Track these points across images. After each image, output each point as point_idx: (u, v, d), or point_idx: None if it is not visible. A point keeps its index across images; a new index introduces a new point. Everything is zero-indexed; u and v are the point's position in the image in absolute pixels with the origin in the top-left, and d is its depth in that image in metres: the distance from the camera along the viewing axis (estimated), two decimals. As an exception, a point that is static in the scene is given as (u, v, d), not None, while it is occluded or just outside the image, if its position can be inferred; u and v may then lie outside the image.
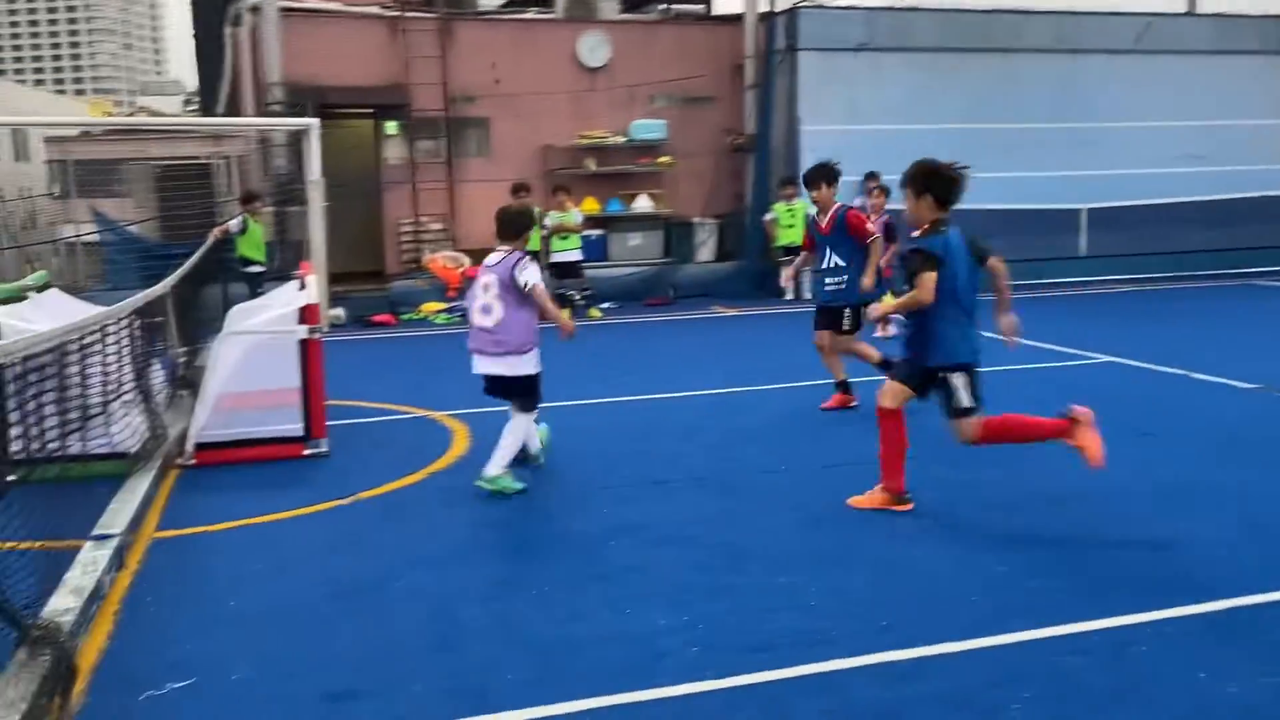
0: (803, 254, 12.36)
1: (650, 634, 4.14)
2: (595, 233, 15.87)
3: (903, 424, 5.53)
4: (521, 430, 6.05)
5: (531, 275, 5.84)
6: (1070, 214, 17.43)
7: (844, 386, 8.08)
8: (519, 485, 5.99)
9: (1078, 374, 9.41)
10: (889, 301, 5.88)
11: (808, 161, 15.86)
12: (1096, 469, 5.22)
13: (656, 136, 16.34)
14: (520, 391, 6.02)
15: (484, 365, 5.98)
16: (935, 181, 5.36)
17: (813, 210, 8.39)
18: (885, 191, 11.62)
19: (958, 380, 5.35)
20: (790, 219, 15.46)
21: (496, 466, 5.95)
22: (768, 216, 15.77)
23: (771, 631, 4.13)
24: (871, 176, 15.84)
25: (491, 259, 6.00)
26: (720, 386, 9.11)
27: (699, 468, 6.58)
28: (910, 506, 5.57)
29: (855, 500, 5.67)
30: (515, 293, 5.83)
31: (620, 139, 16.31)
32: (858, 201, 15.81)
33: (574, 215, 14.27)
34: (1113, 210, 17.43)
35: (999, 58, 16.64)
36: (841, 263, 7.83)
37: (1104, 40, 17.13)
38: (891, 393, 5.53)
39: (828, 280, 7.96)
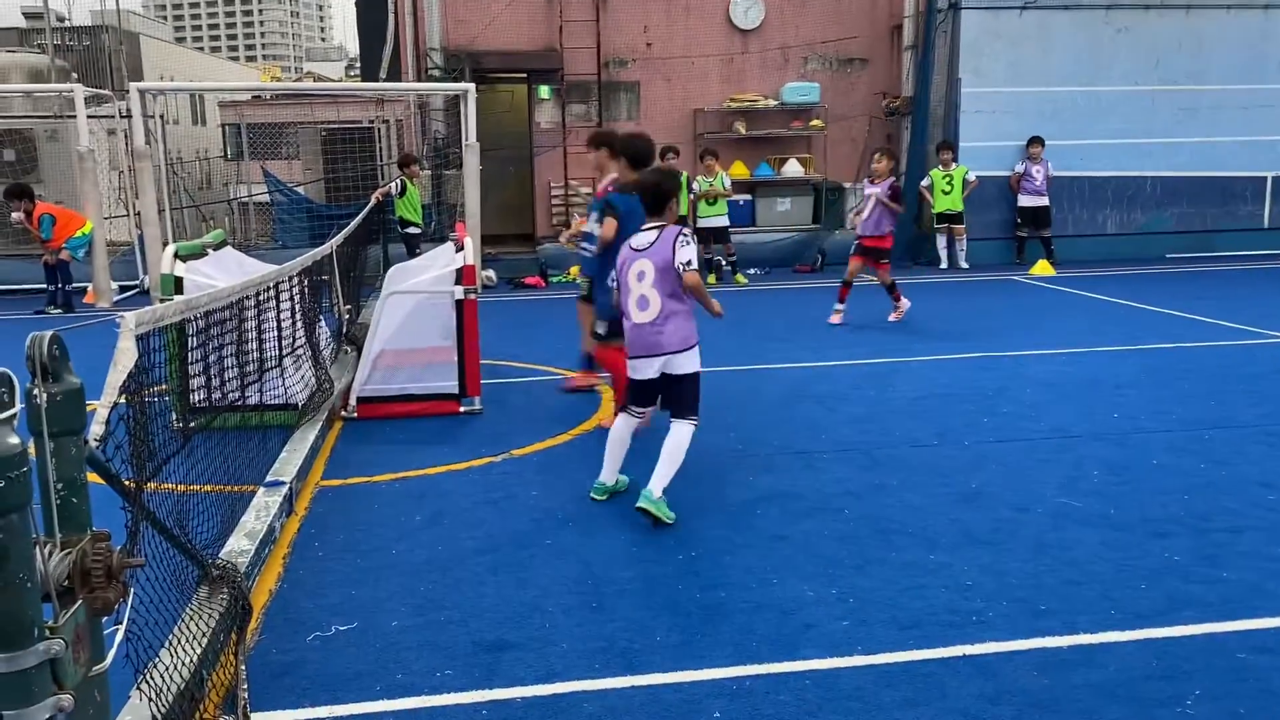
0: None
1: (797, 605, 4.11)
2: (743, 198, 15.73)
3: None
4: (688, 439, 5.15)
5: (692, 254, 5.04)
6: (1254, 182, 16.29)
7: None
8: (672, 515, 5.04)
9: (1255, 354, 8.81)
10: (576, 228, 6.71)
11: (968, 125, 15.42)
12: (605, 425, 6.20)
13: (808, 100, 16.03)
14: (692, 392, 5.20)
15: (653, 367, 5.15)
16: (627, 147, 6.61)
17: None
18: (892, 156, 10.96)
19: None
20: (947, 185, 15.00)
21: (661, 486, 5.03)
22: (924, 183, 15.31)
23: (923, 609, 4.04)
24: (1035, 141, 15.22)
25: (640, 241, 5.16)
26: (867, 357, 8.93)
27: (845, 439, 6.48)
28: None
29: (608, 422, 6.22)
30: (674, 275, 5.03)
31: (771, 102, 16.08)
32: (1020, 167, 15.27)
33: (723, 180, 14.18)
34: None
35: (1178, 15, 15.61)
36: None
37: (1300, -7, 15.85)
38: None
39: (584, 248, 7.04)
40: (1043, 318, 10.89)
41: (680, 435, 5.14)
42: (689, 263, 5.02)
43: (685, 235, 5.09)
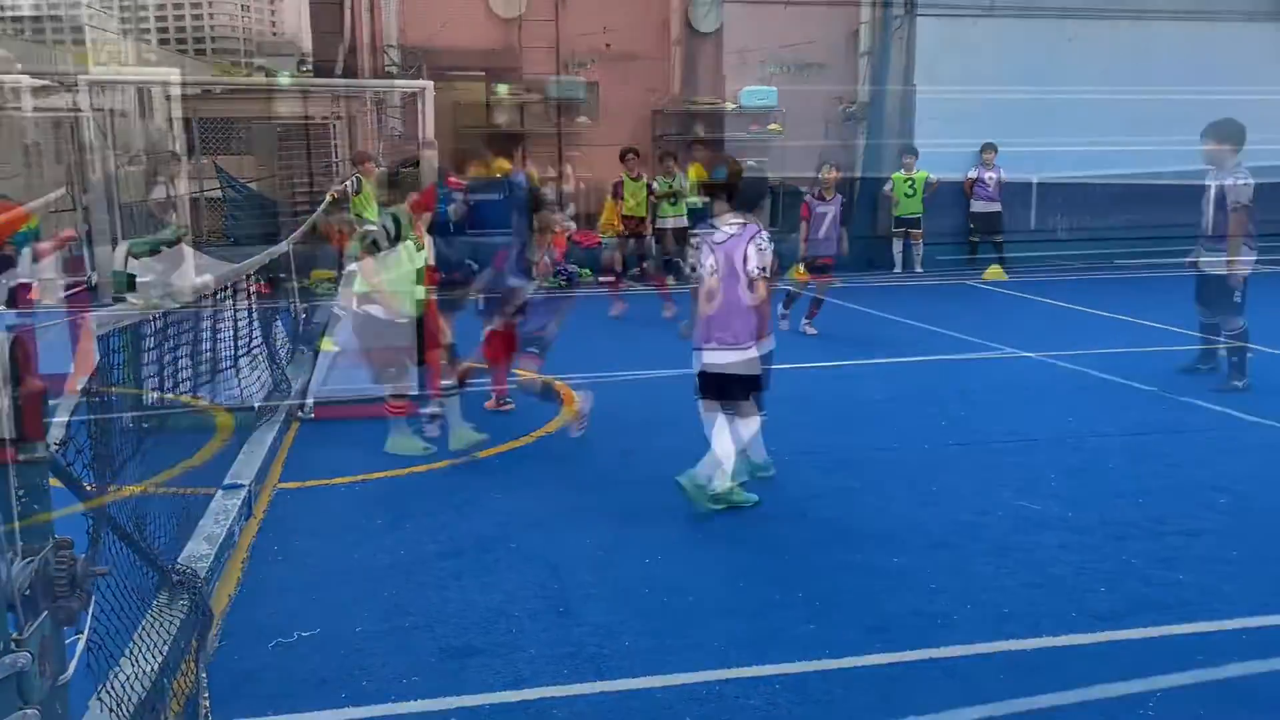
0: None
1: (764, 608, 4.11)
2: (701, 200, 15.73)
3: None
4: (750, 434, 5.29)
5: (765, 262, 5.06)
6: (1201, 190, 16.60)
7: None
8: (753, 497, 5.29)
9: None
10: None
11: (923, 130, 15.55)
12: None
13: (766, 103, 16.09)
14: (742, 391, 5.23)
15: (710, 358, 5.17)
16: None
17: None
18: (837, 168, 10.95)
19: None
20: (909, 189, 15.13)
21: (722, 479, 5.14)
22: (885, 187, 15.46)
23: (888, 613, 4.06)
24: (988, 148, 15.42)
25: (720, 235, 5.19)
26: (826, 360, 8.98)
27: (807, 442, 6.50)
28: (511, 407, 7.18)
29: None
30: (741, 272, 5.08)
31: (730, 105, 16.11)
32: (973, 173, 15.46)
33: (680, 180, 14.17)
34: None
35: (1129, 24, 15.91)
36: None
37: (1244, 3, 16.25)
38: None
39: None
40: (997, 322, 11.03)
41: (744, 428, 5.24)
42: (763, 269, 5.06)
43: (761, 238, 5.10)
